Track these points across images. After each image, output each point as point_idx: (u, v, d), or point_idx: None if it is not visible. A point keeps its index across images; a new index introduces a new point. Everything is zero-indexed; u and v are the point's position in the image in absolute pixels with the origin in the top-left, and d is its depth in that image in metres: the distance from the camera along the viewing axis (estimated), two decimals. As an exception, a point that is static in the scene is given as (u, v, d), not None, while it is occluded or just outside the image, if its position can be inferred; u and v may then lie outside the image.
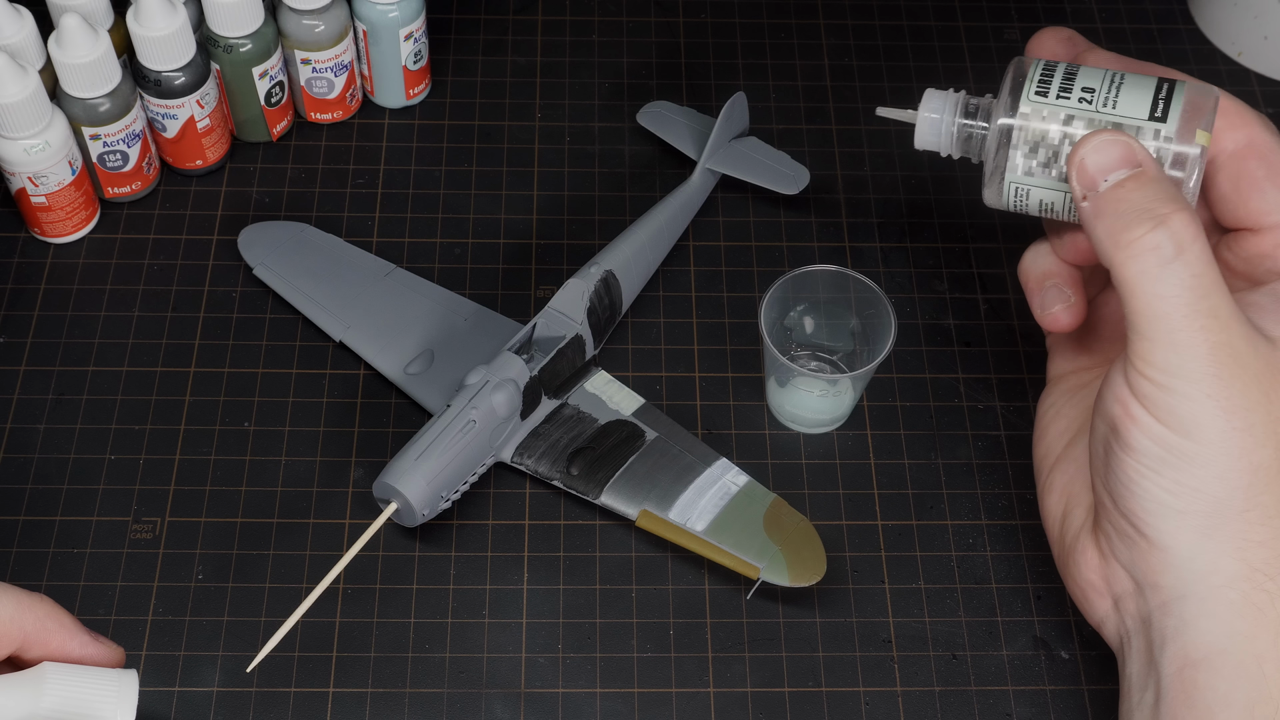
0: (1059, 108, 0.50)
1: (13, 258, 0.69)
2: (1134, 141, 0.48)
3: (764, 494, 0.60)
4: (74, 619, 0.47)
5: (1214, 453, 0.47)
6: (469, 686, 0.57)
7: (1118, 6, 0.81)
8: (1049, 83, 0.51)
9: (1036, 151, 0.51)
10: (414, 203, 0.71)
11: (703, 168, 0.70)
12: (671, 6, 0.81)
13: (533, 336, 0.62)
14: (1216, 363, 0.46)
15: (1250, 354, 0.47)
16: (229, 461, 0.63)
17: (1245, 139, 0.51)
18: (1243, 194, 0.50)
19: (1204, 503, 0.47)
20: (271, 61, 0.69)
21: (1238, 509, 0.47)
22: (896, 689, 0.57)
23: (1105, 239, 0.47)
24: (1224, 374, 0.46)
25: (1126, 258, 0.46)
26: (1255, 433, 0.47)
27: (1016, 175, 0.51)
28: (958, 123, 0.53)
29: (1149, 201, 0.46)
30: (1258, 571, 0.47)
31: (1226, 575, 0.48)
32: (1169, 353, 0.46)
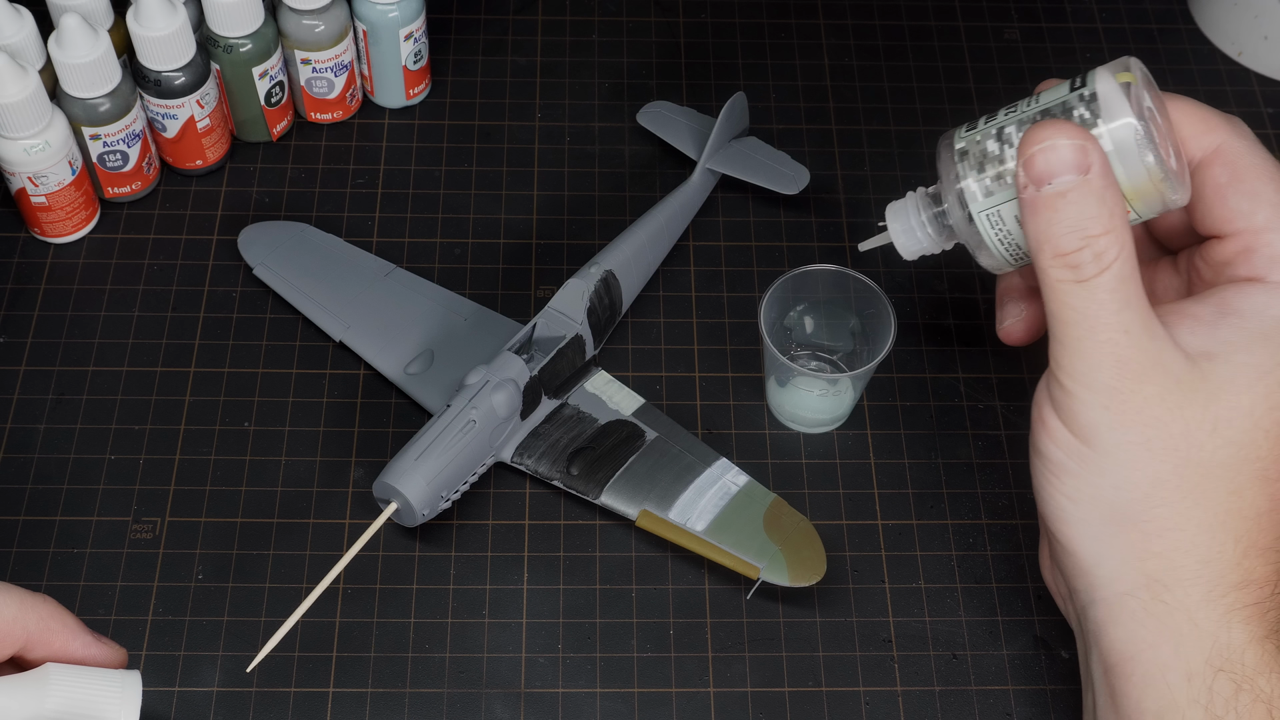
0: (990, 127, 0.50)
1: (13, 258, 0.69)
2: (1090, 144, 0.47)
3: (764, 494, 0.60)
4: (77, 620, 0.47)
5: (1110, 463, 0.48)
6: (469, 686, 0.57)
7: (1118, 6, 0.81)
8: (975, 122, 0.51)
9: (984, 168, 0.50)
10: (414, 203, 0.71)
11: (703, 168, 0.70)
12: (671, 6, 0.81)
13: (533, 336, 0.62)
14: (1119, 377, 0.47)
15: (1157, 373, 0.47)
16: (229, 461, 0.62)
17: (1211, 145, 0.50)
18: (1208, 201, 0.50)
19: (1101, 510, 0.48)
20: (271, 61, 0.69)
21: (1134, 519, 0.48)
22: (896, 689, 0.57)
23: (1033, 239, 0.48)
24: (1124, 389, 0.47)
25: (1048, 265, 0.47)
26: (1151, 448, 0.47)
27: (980, 203, 0.50)
28: (926, 215, 0.53)
29: (1081, 219, 0.46)
30: (1156, 582, 0.48)
31: (1128, 583, 0.48)
32: (1076, 360, 0.47)
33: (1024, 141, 0.47)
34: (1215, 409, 0.47)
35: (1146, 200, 0.48)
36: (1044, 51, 0.79)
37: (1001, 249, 0.51)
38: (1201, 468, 0.47)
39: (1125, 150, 0.48)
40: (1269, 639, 0.47)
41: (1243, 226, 0.50)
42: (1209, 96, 0.77)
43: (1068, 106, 0.48)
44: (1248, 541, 0.48)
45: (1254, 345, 0.48)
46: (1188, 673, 0.47)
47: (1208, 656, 0.47)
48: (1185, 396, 0.47)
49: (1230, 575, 0.48)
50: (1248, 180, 0.50)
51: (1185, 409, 0.47)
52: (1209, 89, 0.77)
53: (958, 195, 0.51)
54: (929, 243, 0.54)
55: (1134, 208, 0.49)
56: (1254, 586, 0.48)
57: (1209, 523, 0.48)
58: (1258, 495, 0.48)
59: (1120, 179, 0.47)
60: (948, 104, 0.76)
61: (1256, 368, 0.47)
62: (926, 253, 0.54)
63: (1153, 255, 0.55)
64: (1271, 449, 0.48)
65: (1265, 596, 0.48)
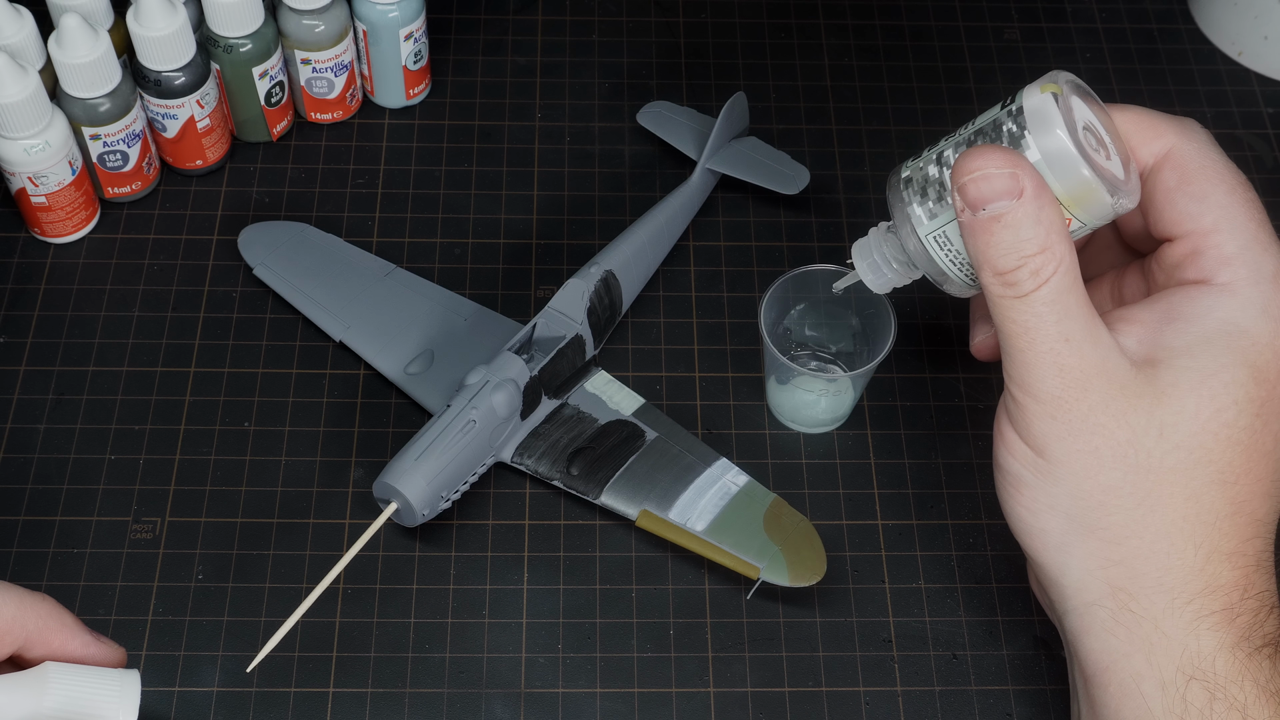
0: (931, 153, 0.51)
1: (13, 258, 0.69)
2: (1020, 168, 0.47)
3: (764, 494, 0.60)
4: (76, 619, 0.47)
5: (1064, 472, 0.48)
6: (469, 686, 0.57)
7: (1118, 6, 0.81)
8: (920, 151, 0.52)
9: (927, 193, 0.50)
10: (414, 203, 0.71)
11: (703, 168, 0.70)
12: (671, 6, 0.81)
13: (533, 336, 0.62)
14: (1062, 386, 0.47)
15: (1100, 379, 0.47)
16: (229, 461, 0.63)
17: (1162, 149, 0.50)
18: (1158, 205, 0.50)
19: (1059, 520, 0.49)
20: (271, 61, 0.69)
21: (1091, 527, 0.48)
22: (896, 689, 0.57)
23: (974, 257, 0.48)
24: (1068, 397, 0.47)
25: (988, 282, 0.48)
26: (1100, 455, 0.47)
27: (925, 227, 0.50)
28: (888, 249, 0.53)
29: (1017, 241, 0.47)
30: (1121, 590, 0.48)
31: (1094, 593, 0.49)
32: (1022, 371, 0.48)
33: (956, 169, 0.48)
34: (1160, 414, 0.47)
35: (1089, 208, 0.48)
36: (1044, 51, 0.79)
37: (955, 270, 0.51)
38: (1153, 474, 0.47)
39: (1057, 161, 0.47)
40: (1239, 646, 0.47)
41: (1191, 228, 0.50)
42: (1209, 96, 0.77)
43: (998, 124, 0.49)
44: (1209, 547, 0.48)
45: (1197, 349, 0.48)
46: (1161, 682, 0.47)
47: (1179, 665, 0.47)
48: (1129, 403, 0.47)
49: (1193, 582, 0.47)
50: (1196, 182, 0.50)
51: (1130, 415, 0.47)
52: (1209, 89, 0.77)
53: (908, 223, 0.51)
54: (894, 276, 0.54)
55: (1077, 216, 0.48)
56: (1220, 592, 0.47)
57: (1166, 529, 0.48)
58: (1216, 499, 0.48)
59: (1057, 190, 0.47)
60: (948, 104, 0.76)
61: (1200, 371, 0.47)
62: (896, 285, 0.54)
63: (1124, 260, 0.55)
64: (1224, 452, 0.48)
65: (1234, 602, 0.47)
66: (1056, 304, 0.47)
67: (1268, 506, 0.49)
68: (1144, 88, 0.77)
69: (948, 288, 0.52)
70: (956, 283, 0.51)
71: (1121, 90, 0.77)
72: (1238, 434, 0.47)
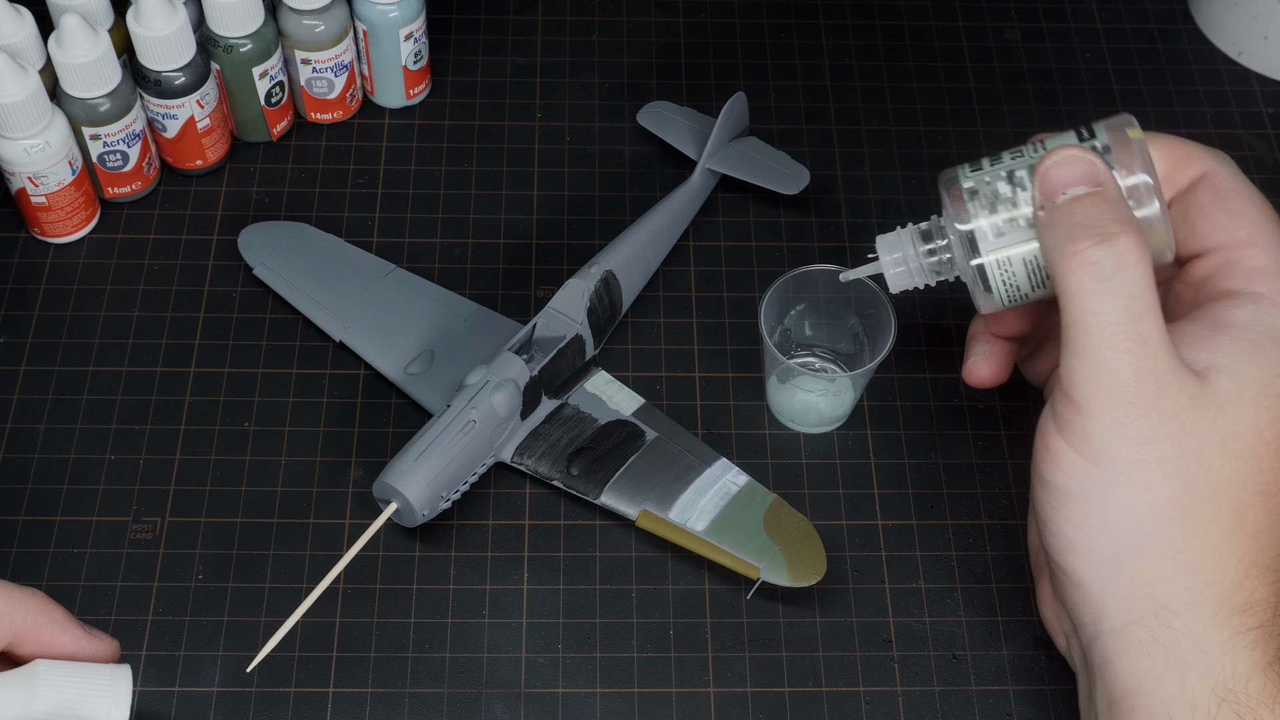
0: (999, 169, 0.51)
1: (13, 258, 0.69)
2: (1098, 161, 0.48)
3: (764, 494, 0.60)
4: (67, 614, 0.47)
5: (1122, 483, 0.47)
6: (469, 686, 0.57)
7: (1118, 6, 0.81)
8: (978, 162, 0.51)
9: (996, 210, 0.50)
10: (414, 203, 0.71)
11: (703, 168, 0.70)
12: (671, 6, 0.81)
13: (533, 336, 0.62)
14: (1136, 389, 0.46)
15: (1173, 386, 0.46)
16: (229, 461, 0.62)
17: (1198, 172, 0.51)
18: (1190, 221, 0.51)
19: (1110, 536, 0.48)
20: (271, 61, 0.69)
21: (1145, 543, 0.47)
22: (896, 689, 0.57)
23: (1053, 249, 0.47)
24: (1141, 402, 0.46)
25: (1068, 269, 0.47)
26: (1164, 466, 0.47)
27: (990, 243, 0.50)
28: (922, 250, 0.53)
29: (1099, 219, 0.47)
30: (1165, 608, 0.47)
31: (1137, 611, 0.48)
32: (1093, 371, 0.47)
33: (1040, 162, 0.48)
34: (1224, 423, 0.47)
35: (1154, 251, 0.49)
36: (1044, 51, 0.79)
37: (1003, 290, 0.51)
38: (1210, 484, 0.47)
39: (1139, 204, 0.49)
40: (1271, 666, 0.46)
41: (1224, 241, 0.50)
42: (1209, 96, 0.77)
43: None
44: (1249, 560, 0.47)
45: (1253, 356, 0.48)
46: (1191, 705, 0.46)
47: (1213, 686, 0.46)
48: (1197, 412, 0.47)
49: (1234, 597, 0.47)
50: (1230, 200, 0.50)
51: (1198, 424, 0.47)
52: (1209, 89, 0.77)
53: (966, 236, 0.50)
54: (920, 278, 0.54)
55: None
56: (1256, 610, 0.47)
57: (1215, 541, 0.47)
58: (1259, 511, 0.47)
59: None
60: (948, 104, 0.76)
61: (1258, 379, 0.47)
62: (909, 287, 0.54)
63: None
64: (1273, 463, 0.47)
65: (1267, 620, 0.47)
66: (1138, 300, 0.46)
67: None
68: (1144, 88, 0.77)
69: (979, 296, 0.52)
70: (995, 299, 0.51)
71: (1121, 90, 0.77)
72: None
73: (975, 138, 0.75)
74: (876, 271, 0.55)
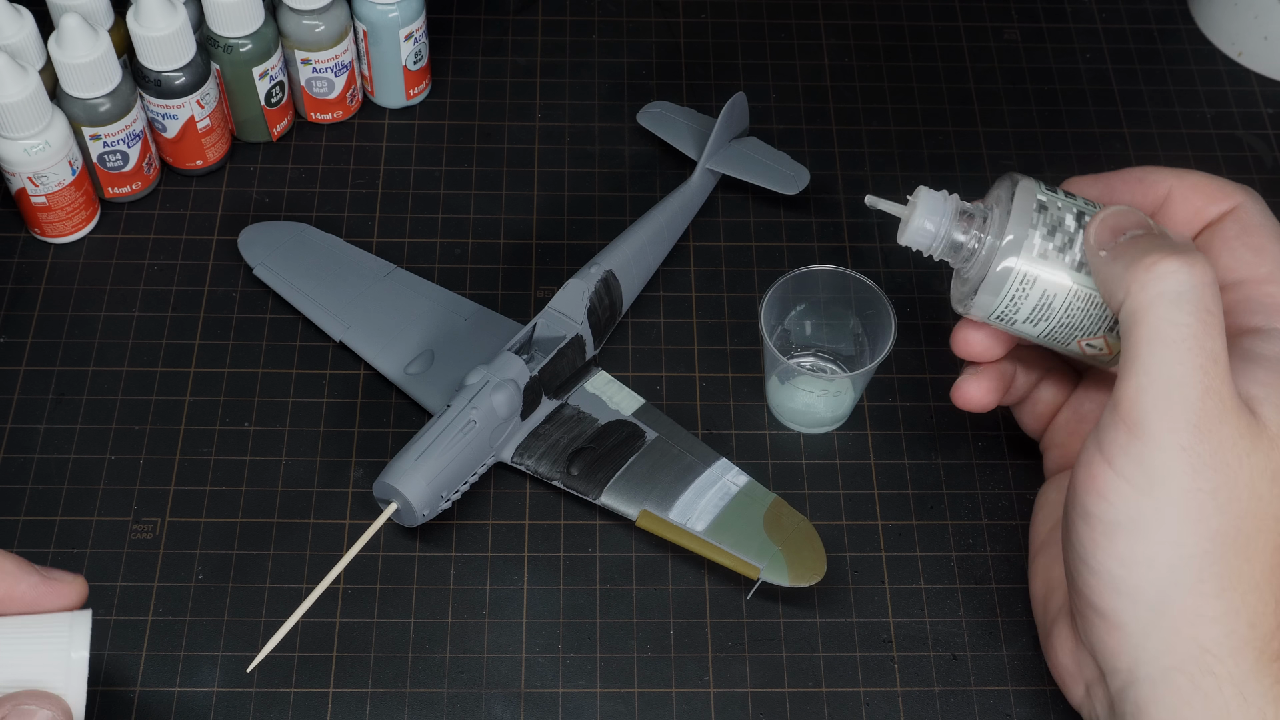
0: (1072, 204, 0.50)
1: (13, 258, 0.69)
2: (1149, 219, 0.48)
3: (764, 494, 0.60)
4: (20, 560, 0.44)
5: (1172, 514, 0.45)
6: (469, 686, 0.57)
7: (1118, 6, 0.81)
8: (1054, 187, 0.51)
9: (1054, 234, 0.50)
10: (414, 203, 0.71)
11: (703, 168, 0.70)
12: (671, 6, 0.81)
13: (533, 336, 0.62)
14: (1204, 410, 0.45)
15: (1235, 413, 0.45)
16: (229, 461, 0.63)
17: (1228, 205, 0.51)
18: (1215, 252, 0.51)
19: (1156, 573, 0.46)
20: (271, 61, 0.69)
21: (1191, 580, 0.46)
22: (896, 689, 0.57)
23: (1122, 273, 0.46)
24: (1205, 426, 0.45)
25: (1143, 284, 0.45)
26: (1218, 497, 0.45)
27: (1028, 257, 0.50)
28: (954, 227, 0.51)
29: (1163, 247, 0.46)
30: (1207, 652, 0.45)
31: (1178, 656, 0.46)
32: (1163, 389, 0.45)
33: (1099, 213, 0.49)
34: (1276, 457, 0.46)
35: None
36: (1044, 52, 0.79)
37: (1005, 303, 0.50)
38: (1257, 519, 0.45)
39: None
40: None
41: (1245, 276, 0.50)
42: (1209, 97, 0.77)
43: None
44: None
45: None
46: None
47: None
48: (1253, 443, 0.45)
49: (1273, 643, 0.45)
50: (1256, 236, 0.50)
51: (1253, 456, 0.45)
52: (1209, 89, 0.77)
53: (1015, 241, 0.50)
54: (937, 245, 0.52)
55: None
56: None
57: (1258, 581, 0.45)
58: None
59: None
60: (948, 104, 0.76)
61: None
62: (918, 248, 0.52)
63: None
64: None
65: None
66: (1213, 315, 0.45)
67: None
68: (1144, 88, 0.77)
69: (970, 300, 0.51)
70: (986, 305, 0.51)
71: (1121, 90, 0.77)
72: None
73: (975, 138, 0.75)
74: (900, 216, 0.53)
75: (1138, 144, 0.75)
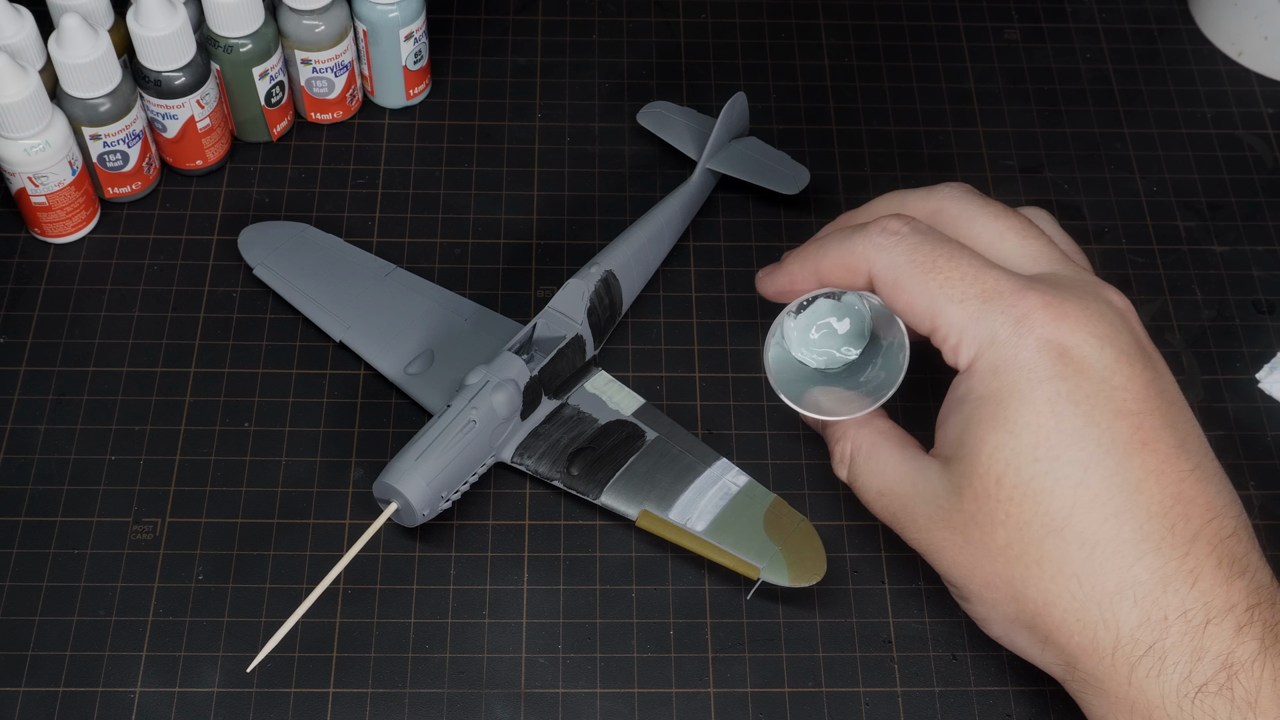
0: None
1: (13, 258, 0.69)
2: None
3: (764, 494, 0.60)
4: None
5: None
6: (469, 686, 0.57)
7: (1118, 6, 0.81)
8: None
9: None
10: (414, 203, 0.71)
11: (703, 168, 0.70)
12: (671, 6, 0.81)
13: (533, 337, 0.62)
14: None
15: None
16: (229, 462, 0.63)
17: (865, 274, 0.54)
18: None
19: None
20: (271, 61, 0.69)
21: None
22: (896, 689, 0.57)
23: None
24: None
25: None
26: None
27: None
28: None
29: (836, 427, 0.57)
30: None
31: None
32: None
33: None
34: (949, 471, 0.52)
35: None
36: (1044, 52, 0.79)
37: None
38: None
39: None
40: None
41: (920, 332, 0.53)
42: (1209, 97, 0.77)
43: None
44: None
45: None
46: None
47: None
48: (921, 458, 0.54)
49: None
50: (902, 294, 0.52)
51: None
52: (1209, 89, 0.77)
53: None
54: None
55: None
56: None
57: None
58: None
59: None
60: (948, 104, 0.76)
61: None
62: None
63: None
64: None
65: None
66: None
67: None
68: (1144, 88, 0.77)
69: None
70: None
71: (1121, 90, 0.77)
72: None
73: (975, 138, 0.75)
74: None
75: (1138, 144, 0.75)
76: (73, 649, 0.57)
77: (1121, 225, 0.72)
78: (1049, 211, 0.58)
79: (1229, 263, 0.70)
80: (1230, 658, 0.46)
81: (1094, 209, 0.72)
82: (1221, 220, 0.72)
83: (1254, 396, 0.66)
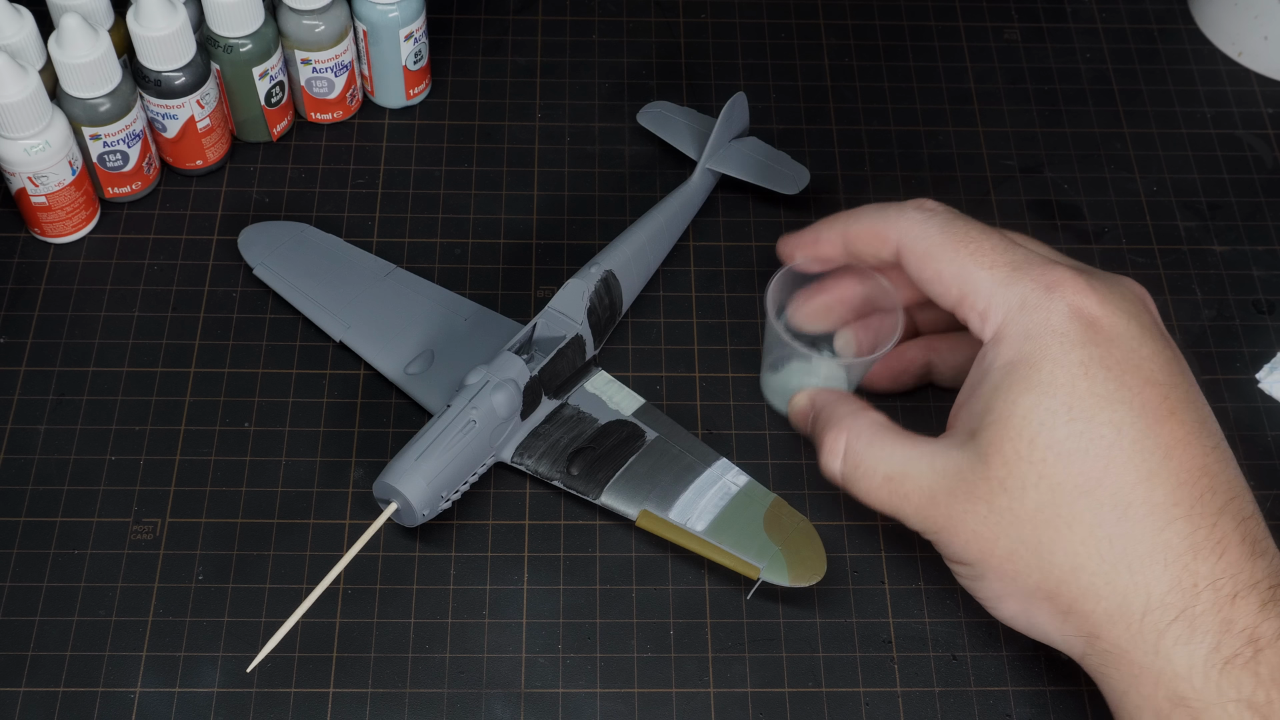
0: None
1: (13, 258, 0.69)
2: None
3: (764, 494, 0.60)
4: None
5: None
6: (469, 686, 0.57)
7: (1118, 6, 0.81)
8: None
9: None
10: (414, 203, 0.71)
11: (703, 168, 0.70)
12: (671, 6, 0.81)
13: (533, 336, 0.62)
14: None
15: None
16: (229, 462, 0.63)
17: (893, 246, 0.56)
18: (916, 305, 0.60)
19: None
20: (271, 61, 0.69)
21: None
22: (896, 689, 0.57)
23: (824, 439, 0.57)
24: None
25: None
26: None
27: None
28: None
29: (829, 420, 0.57)
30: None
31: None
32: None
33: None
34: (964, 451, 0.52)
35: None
36: (1044, 51, 0.79)
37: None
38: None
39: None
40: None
41: (945, 306, 0.54)
42: (1209, 97, 0.77)
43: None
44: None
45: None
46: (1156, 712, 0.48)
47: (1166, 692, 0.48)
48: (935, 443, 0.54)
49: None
50: (930, 265, 0.54)
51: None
52: (1209, 89, 0.77)
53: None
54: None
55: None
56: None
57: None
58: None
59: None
60: (948, 104, 0.76)
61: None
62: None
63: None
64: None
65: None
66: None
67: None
68: (1144, 88, 0.77)
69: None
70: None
71: (1121, 90, 0.77)
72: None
73: (975, 138, 0.75)
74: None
75: (1138, 144, 0.75)
76: (73, 649, 0.57)
77: (1121, 225, 0.72)
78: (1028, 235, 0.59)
79: (1229, 263, 0.70)
80: (1256, 632, 0.46)
81: (1094, 209, 0.72)
82: (1221, 220, 0.72)
83: (1254, 396, 0.66)
